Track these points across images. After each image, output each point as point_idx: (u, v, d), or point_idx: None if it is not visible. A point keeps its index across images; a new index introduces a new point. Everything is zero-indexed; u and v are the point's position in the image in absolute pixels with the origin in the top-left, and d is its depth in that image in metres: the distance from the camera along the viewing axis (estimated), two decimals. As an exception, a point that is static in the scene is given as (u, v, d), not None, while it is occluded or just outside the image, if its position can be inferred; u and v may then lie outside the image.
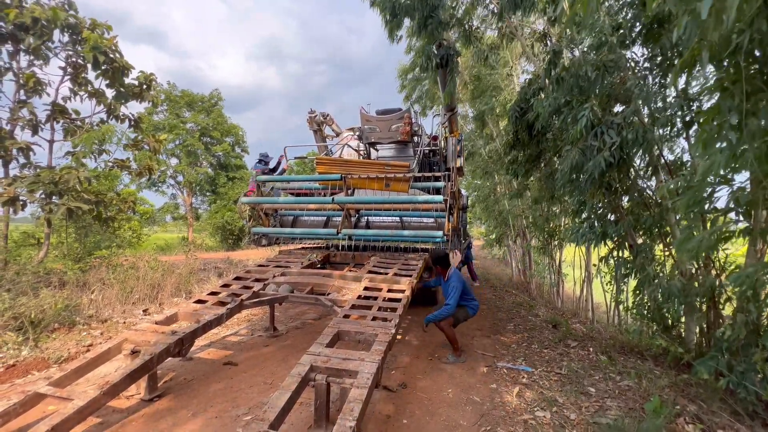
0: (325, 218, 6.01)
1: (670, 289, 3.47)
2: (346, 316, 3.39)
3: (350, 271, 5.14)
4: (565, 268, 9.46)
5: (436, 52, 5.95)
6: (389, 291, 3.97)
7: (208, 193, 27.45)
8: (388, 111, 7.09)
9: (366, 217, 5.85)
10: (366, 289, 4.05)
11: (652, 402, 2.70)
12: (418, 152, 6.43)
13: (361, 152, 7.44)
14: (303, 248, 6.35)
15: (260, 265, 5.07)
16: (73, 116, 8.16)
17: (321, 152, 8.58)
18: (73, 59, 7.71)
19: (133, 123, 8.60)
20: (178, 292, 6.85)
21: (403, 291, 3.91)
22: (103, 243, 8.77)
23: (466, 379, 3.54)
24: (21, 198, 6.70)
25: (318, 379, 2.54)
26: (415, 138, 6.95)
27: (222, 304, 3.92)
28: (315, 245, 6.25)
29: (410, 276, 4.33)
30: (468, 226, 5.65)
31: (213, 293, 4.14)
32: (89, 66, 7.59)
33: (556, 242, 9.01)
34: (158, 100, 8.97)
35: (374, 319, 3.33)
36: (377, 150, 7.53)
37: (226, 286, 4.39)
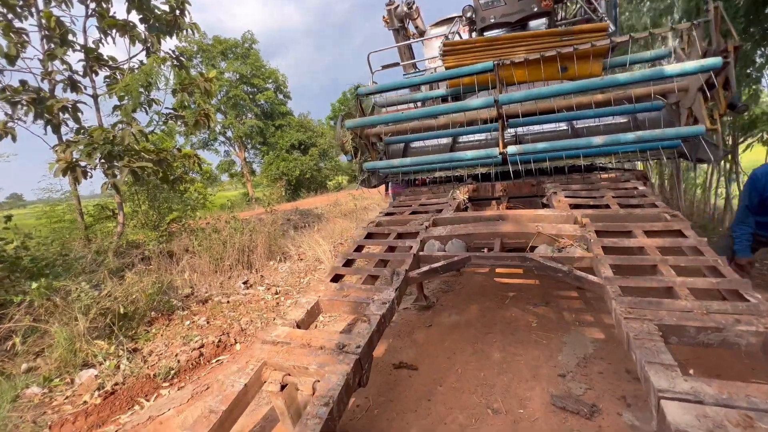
0: (449, 139, 4.29)
1: None
2: (624, 290, 1.83)
3: (508, 207, 3.57)
4: None
5: None
6: (650, 233, 2.30)
7: (258, 146, 26.70)
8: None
9: (514, 129, 4.02)
10: (600, 233, 2.40)
11: None
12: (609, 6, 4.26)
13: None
14: (416, 186, 4.73)
15: (388, 214, 3.60)
16: (111, 64, 6.91)
17: (404, 57, 6.61)
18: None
19: (175, 60, 7.16)
20: (271, 254, 5.80)
21: (681, 231, 2.23)
22: (174, 207, 7.97)
23: None
24: (80, 164, 5.76)
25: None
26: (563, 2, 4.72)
27: (372, 278, 2.57)
28: (432, 178, 4.59)
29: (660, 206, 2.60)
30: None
31: (348, 262, 2.78)
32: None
33: None
34: (197, 28, 7.33)
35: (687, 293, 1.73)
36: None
37: (359, 249, 3.00)
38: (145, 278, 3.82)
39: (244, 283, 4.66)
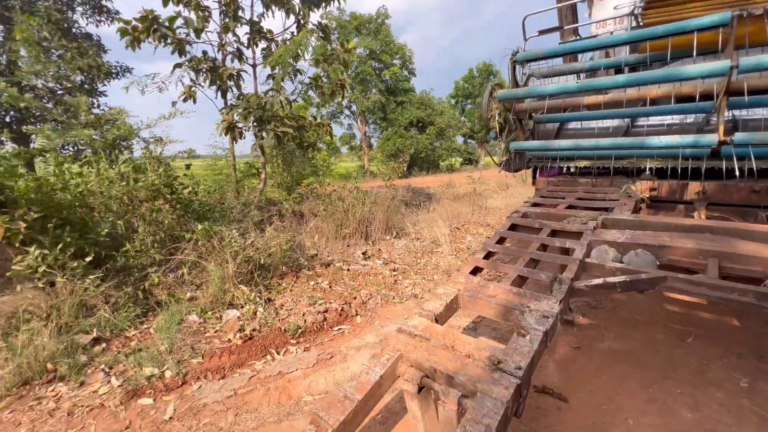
0: (621, 122, 3.42)
1: None
2: None
3: (707, 215, 2.71)
4: None
5: None
6: None
7: (378, 121, 27.55)
8: None
9: (731, 112, 2.95)
10: None
11: None
12: None
13: None
14: (570, 175, 3.88)
15: (536, 204, 3.07)
16: (268, 36, 7.64)
17: (565, 20, 5.67)
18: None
19: (321, 31, 7.52)
20: (387, 229, 5.78)
21: None
22: (304, 171, 8.70)
23: None
24: (238, 125, 6.59)
25: None
26: None
27: (521, 279, 2.15)
28: (597, 168, 3.71)
29: None
30: None
31: (489, 254, 2.40)
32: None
33: None
34: (343, -5, 7.53)
35: None
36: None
37: (501, 242, 2.59)
38: (281, 234, 4.11)
39: (363, 253, 4.71)
